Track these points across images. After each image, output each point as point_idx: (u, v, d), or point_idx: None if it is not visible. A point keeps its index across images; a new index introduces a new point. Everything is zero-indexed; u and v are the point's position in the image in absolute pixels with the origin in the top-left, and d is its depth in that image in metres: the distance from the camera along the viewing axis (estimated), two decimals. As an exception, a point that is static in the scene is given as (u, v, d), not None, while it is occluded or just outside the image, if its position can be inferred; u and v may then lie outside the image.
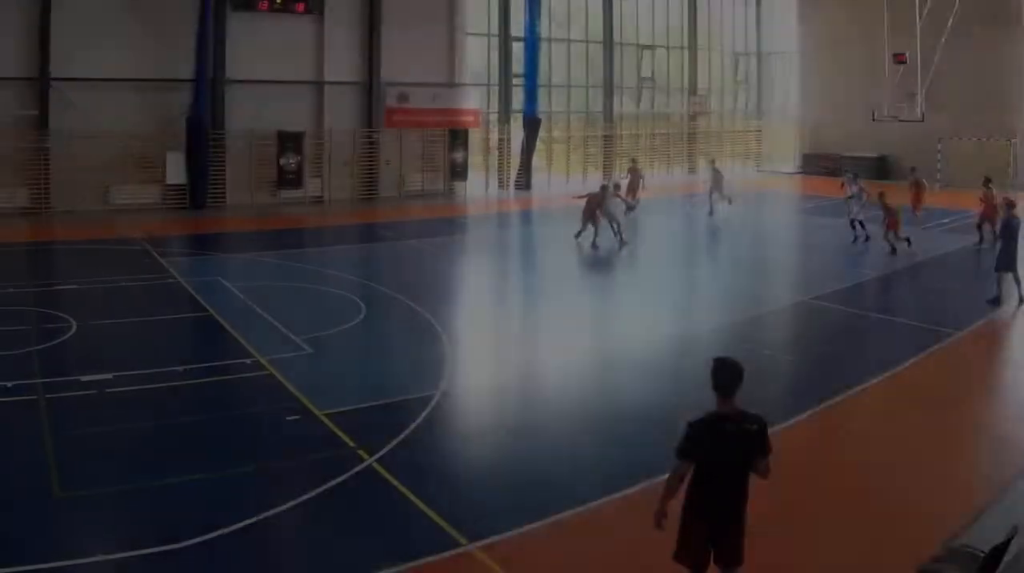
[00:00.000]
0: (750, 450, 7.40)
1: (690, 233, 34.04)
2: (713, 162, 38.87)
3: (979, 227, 29.01)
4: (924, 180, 34.09)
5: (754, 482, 7.58)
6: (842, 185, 31.97)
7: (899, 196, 29.88)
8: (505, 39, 45.90)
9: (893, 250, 26.88)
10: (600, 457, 12.21)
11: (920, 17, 43.62)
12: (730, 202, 36.46)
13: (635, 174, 36.96)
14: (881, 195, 27.37)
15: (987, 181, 30.00)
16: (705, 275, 24.44)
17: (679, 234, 33.00)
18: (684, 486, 7.53)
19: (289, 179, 38.12)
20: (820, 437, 13.06)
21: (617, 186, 31.69)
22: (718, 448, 7.31)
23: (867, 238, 28.54)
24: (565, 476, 11.38)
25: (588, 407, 14.25)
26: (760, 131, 57.98)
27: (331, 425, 12.78)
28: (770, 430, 7.52)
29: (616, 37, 50.85)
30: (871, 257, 27.05)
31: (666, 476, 7.63)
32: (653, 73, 53.15)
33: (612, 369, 16.53)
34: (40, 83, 33.11)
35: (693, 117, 54.38)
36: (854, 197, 29.92)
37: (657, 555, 7.97)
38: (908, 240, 27.14)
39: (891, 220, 27.01)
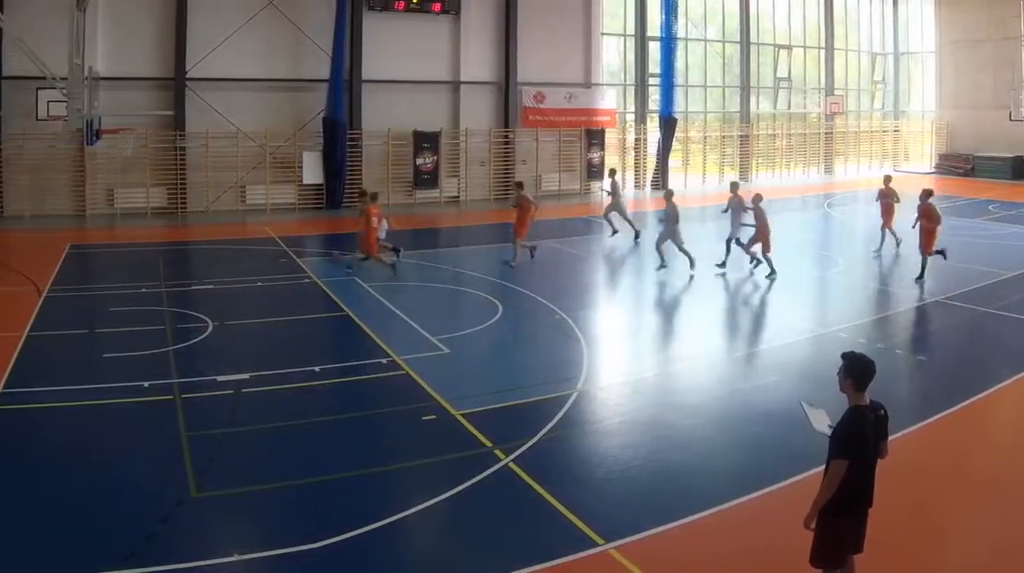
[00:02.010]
0: (881, 435, 7.62)
1: (823, 235, 32.99)
2: (612, 174, 31.50)
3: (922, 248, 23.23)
4: (896, 191, 27.26)
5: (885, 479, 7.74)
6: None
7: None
8: (641, 39, 45.67)
9: (754, 261, 23.91)
10: (733, 458, 12.05)
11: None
12: (637, 234, 28.94)
13: (522, 203, 25.33)
14: (756, 199, 23.74)
15: (927, 194, 23.54)
16: (835, 277, 23.64)
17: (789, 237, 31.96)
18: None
19: (425, 179, 38.37)
20: (954, 437, 12.66)
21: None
22: (868, 440, 7.47)
23: (760, 263, 23.67)
24: (699, 477, 11.25)
25: (722, 407, 13.98)
26: (897, 131, 56.47)
27: (467, 425, 12.69)
28: (909, 429, 7.34)
29: (752, 37, 50.20)
30: (991, 258, 25.54)
31: (818, 475, 7.69)
32: (789, 73, 52.32)
33: (746, 369, 16.21)
34: (176, 84, 34.04)
35: (830, 117, 53.20)
36: (730, 209, 25.13)
37: (790, 556, 8.16)
38: (769, 264, 23.24)
39: (761, 232, 23.46)
